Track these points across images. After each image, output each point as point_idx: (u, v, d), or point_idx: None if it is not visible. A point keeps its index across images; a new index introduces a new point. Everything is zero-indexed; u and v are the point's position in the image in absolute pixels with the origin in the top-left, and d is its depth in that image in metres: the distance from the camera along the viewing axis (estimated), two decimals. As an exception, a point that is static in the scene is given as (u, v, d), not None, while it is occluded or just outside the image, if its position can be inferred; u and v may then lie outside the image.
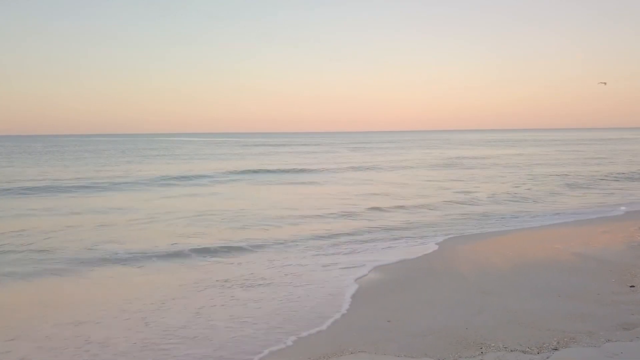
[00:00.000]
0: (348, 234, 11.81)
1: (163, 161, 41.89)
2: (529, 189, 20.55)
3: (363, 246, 10.63)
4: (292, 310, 6.70)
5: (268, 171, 30.71)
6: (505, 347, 5.17)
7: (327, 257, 9.68)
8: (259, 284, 7.84)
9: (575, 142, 75.22)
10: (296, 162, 40.33)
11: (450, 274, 8.24)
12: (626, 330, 5.48)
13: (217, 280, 8.05)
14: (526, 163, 35.85)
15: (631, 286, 7.10)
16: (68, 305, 7.03)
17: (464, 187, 21.33)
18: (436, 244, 10.62)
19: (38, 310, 6.79)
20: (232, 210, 15.51)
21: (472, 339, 5.44)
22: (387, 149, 62.98)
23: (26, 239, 11.23)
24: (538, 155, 45.09)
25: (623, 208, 17.27)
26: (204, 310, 6.68)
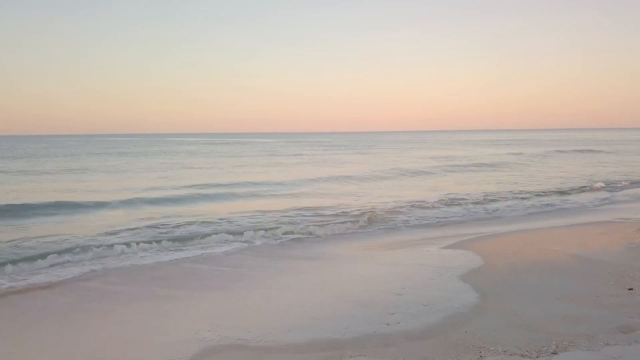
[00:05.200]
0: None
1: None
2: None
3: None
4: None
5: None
6: (504, 351, 5.16)
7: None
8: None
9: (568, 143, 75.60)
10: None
11: (446, 275, 8.21)
12: (625, 334, 5.48)
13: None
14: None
15: (629, 289, 7.10)
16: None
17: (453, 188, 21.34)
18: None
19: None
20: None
21: (471, 342, 5.42)
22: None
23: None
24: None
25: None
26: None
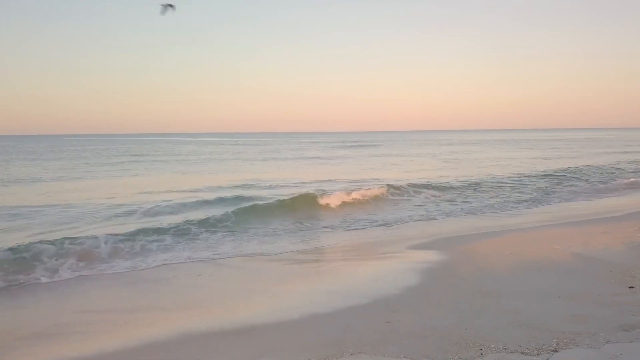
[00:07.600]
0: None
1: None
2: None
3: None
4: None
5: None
6: (505, 349, 5.15)
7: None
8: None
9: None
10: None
11: (448, 274, 8.21)
12: (626, 332, 5.47)
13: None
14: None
15: (631, 287, 7.09)
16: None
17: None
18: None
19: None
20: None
21: (472, 340, 5.41)
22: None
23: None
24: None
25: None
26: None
